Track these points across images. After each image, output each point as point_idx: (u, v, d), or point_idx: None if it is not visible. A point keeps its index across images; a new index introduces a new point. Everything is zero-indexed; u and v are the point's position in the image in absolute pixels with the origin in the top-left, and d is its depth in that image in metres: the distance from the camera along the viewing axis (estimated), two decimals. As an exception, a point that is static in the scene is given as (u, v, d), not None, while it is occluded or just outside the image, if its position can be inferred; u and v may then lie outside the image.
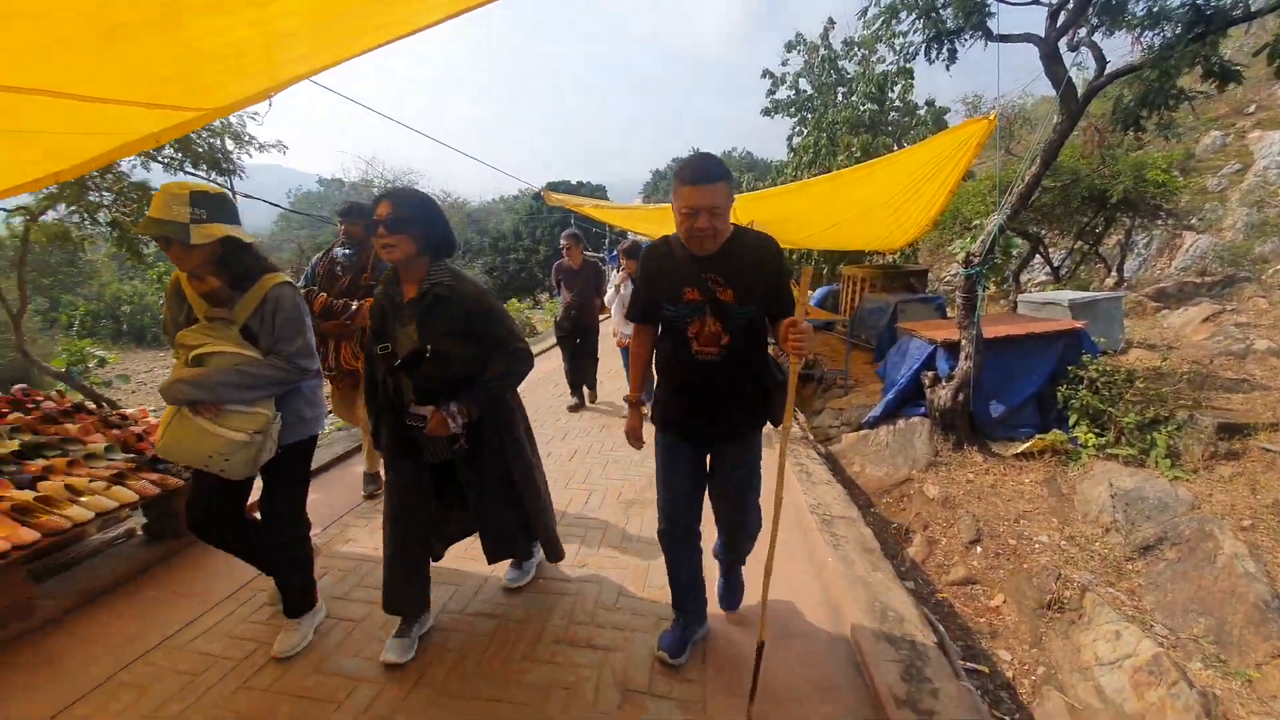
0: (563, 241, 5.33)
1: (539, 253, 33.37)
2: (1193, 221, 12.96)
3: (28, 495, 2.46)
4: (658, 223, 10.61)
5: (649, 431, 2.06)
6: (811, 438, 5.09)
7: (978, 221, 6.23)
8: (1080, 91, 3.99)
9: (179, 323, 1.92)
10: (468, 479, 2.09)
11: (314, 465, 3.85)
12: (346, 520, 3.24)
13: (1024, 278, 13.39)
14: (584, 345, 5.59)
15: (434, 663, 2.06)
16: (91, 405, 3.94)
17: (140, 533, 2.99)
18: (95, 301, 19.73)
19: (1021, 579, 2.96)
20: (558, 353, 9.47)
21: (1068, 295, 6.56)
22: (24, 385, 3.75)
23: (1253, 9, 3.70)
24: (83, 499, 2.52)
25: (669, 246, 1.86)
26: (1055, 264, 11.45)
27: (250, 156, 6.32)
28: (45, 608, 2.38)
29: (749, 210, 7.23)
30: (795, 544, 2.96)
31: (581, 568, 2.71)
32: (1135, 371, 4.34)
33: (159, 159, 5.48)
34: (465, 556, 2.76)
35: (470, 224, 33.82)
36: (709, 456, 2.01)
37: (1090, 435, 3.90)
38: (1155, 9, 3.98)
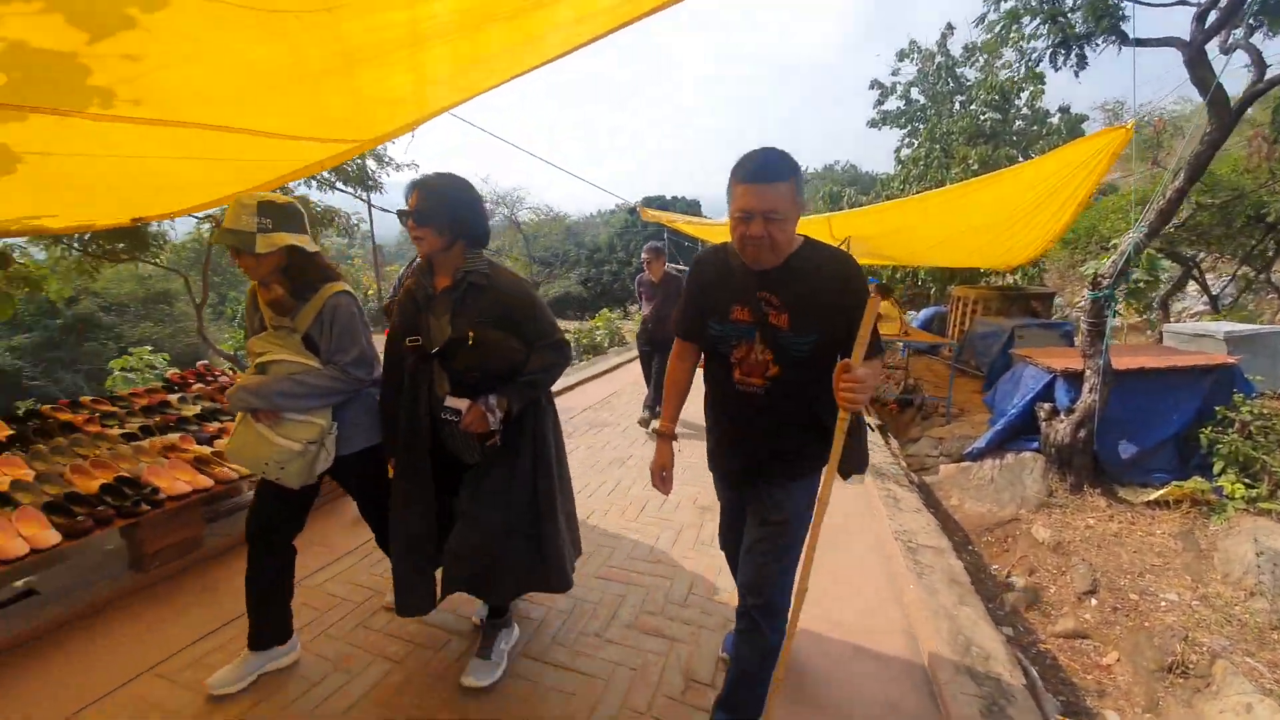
0: (644, 254, 5.18)
1: (630, 265, 34.22)
2: None
3: (206, 450, 3.02)
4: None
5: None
6: (905, 465, 4.84)
7: (1115, 240, 5.60)
8: (1234, 98, 3.53)
9: (253, 330, 1.96)
10: (474, 481, 1.87)
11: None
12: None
13: (1176, 306, 11.74)
14: (661, 361, 5.42)
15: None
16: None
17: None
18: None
19: (1141, 638, 2.64)
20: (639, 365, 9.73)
21: (1224, 327, 5.70)
22: (205, 362, 4.55)
23: None
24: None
25: (725, 255, 1.58)
26: (1214, 292, 9.92)
27: (389, 175, 7.21)
28: (211, 544, 2.89)
29: (846, 226, 7.04)
30: (874, 568, 2.87)
31: (656, 563, 2.82)
32: (1307, 417, 3.71)
33: (316, 178, 6.42)
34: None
35: (569, 237, 35.47)
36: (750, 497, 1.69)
37: (1238, 486, 3.38)
38: None
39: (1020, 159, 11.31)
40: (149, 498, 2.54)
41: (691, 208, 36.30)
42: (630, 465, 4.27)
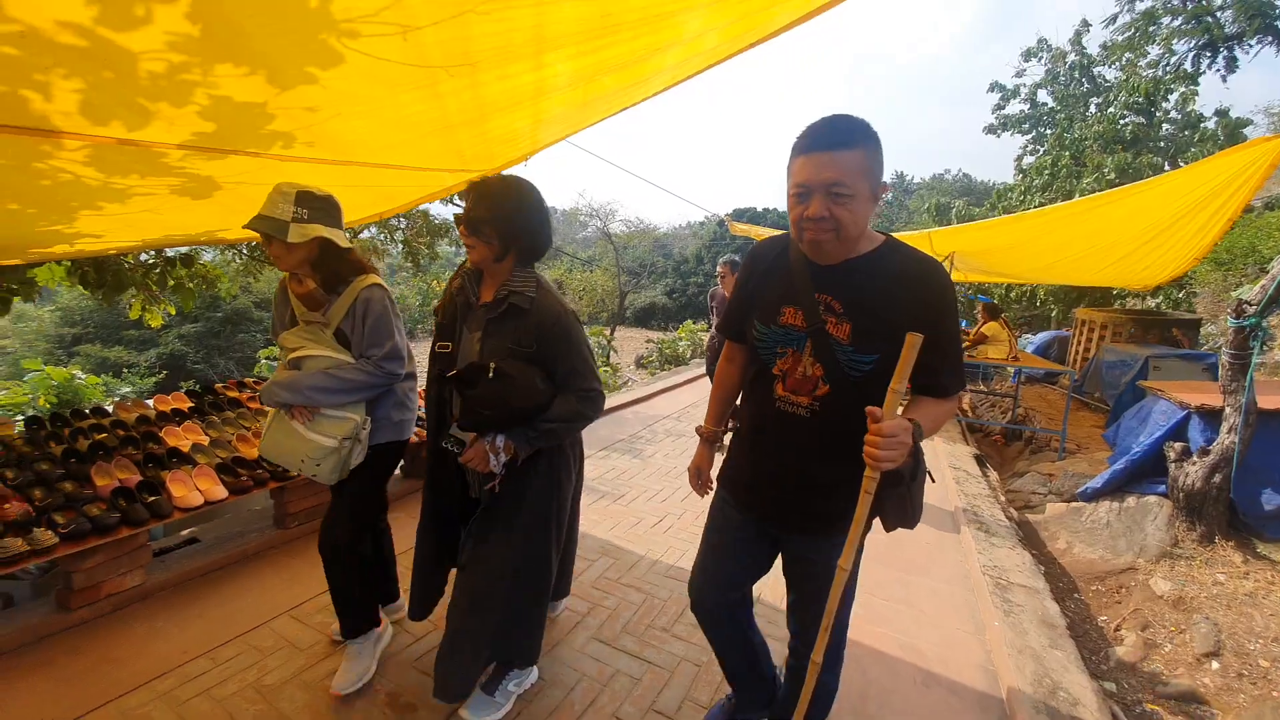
0: (720, 268, 4.91)
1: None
2: None
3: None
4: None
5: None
6: (1004, 500, 4.52)
7: (1274, 263, 4.86)
8: None
9: (284, 324, 1.92)
10: (476, 536, 1.75)
11: None
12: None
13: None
14: None
15: (591, 613, 2.45)
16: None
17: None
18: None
19: (1267, 708, 2.33)
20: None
21: None
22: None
23: None
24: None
25: (784, 244, 1.34)
26: None
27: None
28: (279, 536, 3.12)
29: (947, 243, 6.68)
30: (958, 599, 2.76)
31: (725, 571, 2.90)
32: None
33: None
34: (624, 537, 3.16)
35: (657, 248, 36.05)
36: (781, 548, 1.50)
37: None
38: None
39: (1167, 167, 10.04)
40: (297, 466, 3.03)
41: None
42: (677, 474, 4.37)
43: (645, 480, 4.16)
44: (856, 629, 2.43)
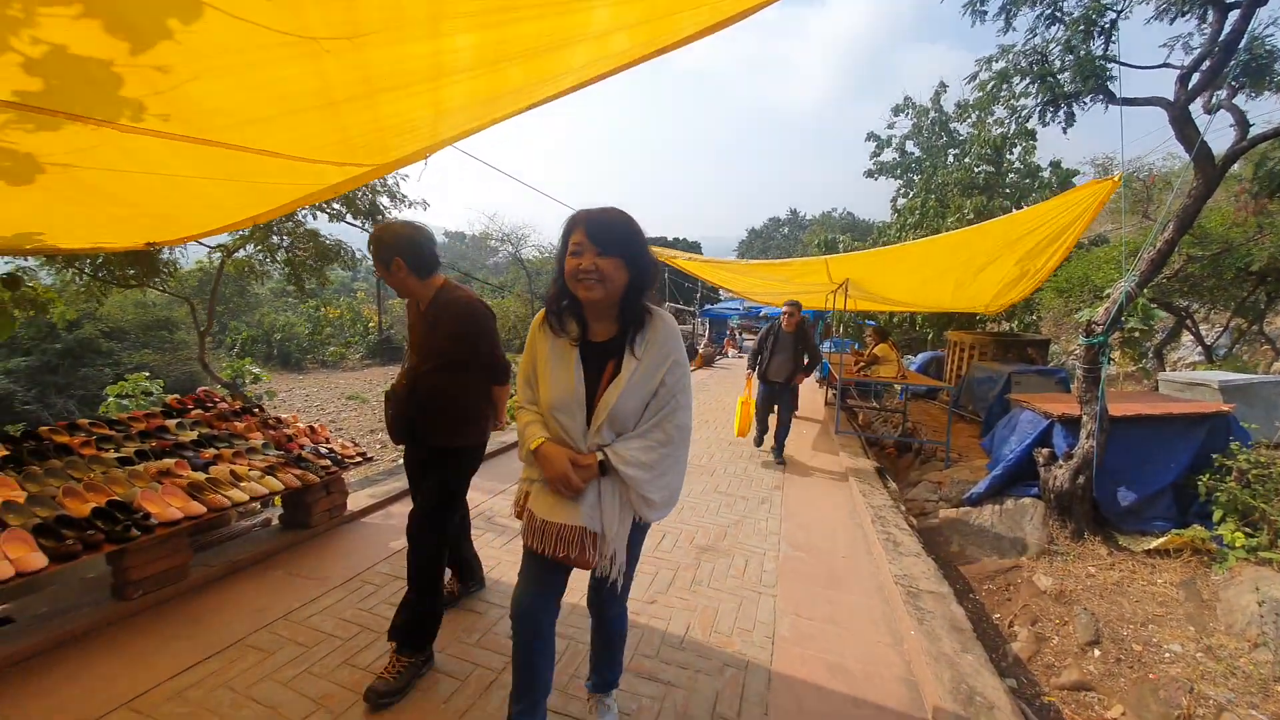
0: (786, 308, 5.53)
1: (633, 303, 34.61)
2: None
3: (201, 476, 3.00)
4: (752, 279, 10.75)
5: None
6: (904, 509, 4.79)
7: (1108, 289, 5.72)
8: (1219, 155, 3.69)
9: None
10: None
11: (377, 500, 4.10)
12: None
13: (1172, 356, 11.87)
14: (785, 407, 5.79)
15: (506, 669, 2.20)
16: (255, 410, 4.68)
17: (276, 522, 3.49)
18: (255, 329, 23.18)
19: (1146, 690, 2.57)
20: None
21: (1219, 376, 5.76)
22: (207, 388, 4.56)
23: None
24: (242, 484, 3.01)
25: None
26: (1208, 342, 10.06)
27: (399, 212, 7.38)
28: (197, 574, 2.83)
29: (846, 268, 7.19)
30: (876, 611, 2.82)
31: (651, 604, 2.76)
32: (1303, 467, 3.70)
33: (326, 210, 6.58)
34: (543, 578, 2.93)
35: (572, 274, 36.06)
36: None
37: (1238, 535, 3.35)
38: None
39: (1014, 210, 11.64)
40: (140, 523, 2.51)
41: (692, 250, 37.03)
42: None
43: (564, 513, 3.94)
44: (787, 654, 2.39)
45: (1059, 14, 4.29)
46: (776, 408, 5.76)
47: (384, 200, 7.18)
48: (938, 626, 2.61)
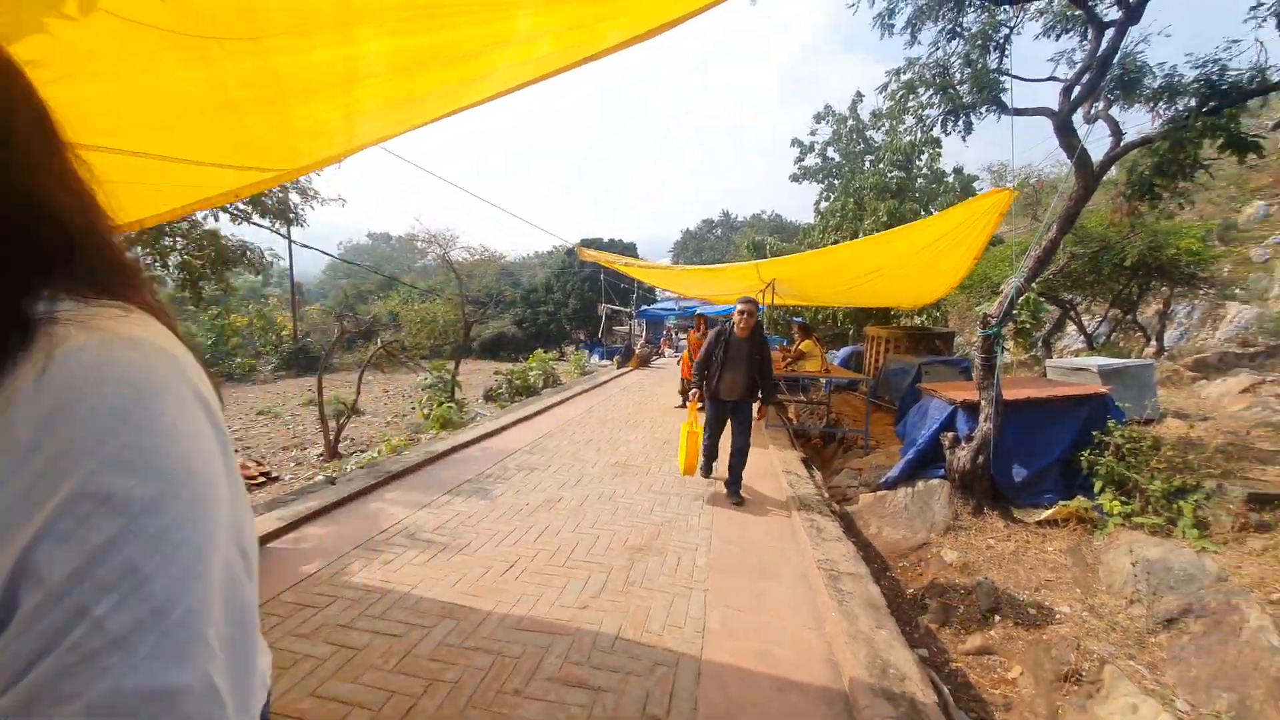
0: (741, 306, 4.30)
1: (567, 306, 34.33)
2: (1236, 292, 12.66)
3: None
4: (686, 282, 10.94)
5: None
6: (827, 496, 5.02)
7: (1002, 285, 6.28)
8: (1096, 161, 4.12)
9: None
10: None
11: (332, 500, 4.01)
12: (356, 553, 3.31)
13: (1058, 344, 13.14)
14: (739, 425, 4.52)
15: (427, 693, 2.10)
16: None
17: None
18: (151, 340, 21.01)
19: (1040, 650, 2.82)
20: (583, 400, 9.67)
21: (1097, 361, 6.43)
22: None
23: (1269, 84, 3.81)
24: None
25: None
26: (1089, 331, 11.23)
27: (313, 209, 6.91)
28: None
29: (773, 270, 7.46)
30: (800, 597, 2.92)
31: (583, 610, 2.72)
32: (1163, 439, 4.20)
33: (229, 209, 6.07)
34: (469, 593, 2.82)
35: (505, 277, 35.24)
36: None
37: (1115, 503, 3.76)
38: (1170, 83, 4.14)
39: (923, 213, 12.53)
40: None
41: (628, 251, 37.18)
42: (560, 508, 4.16)
43: (493, 523, 3.83)
44: (717, 646, 2.43)
45: (959, 29, 4.64)
46: (730, 429, 4.51)
47: (295, 198, 6.70)
48: (856, 606, 2.74)
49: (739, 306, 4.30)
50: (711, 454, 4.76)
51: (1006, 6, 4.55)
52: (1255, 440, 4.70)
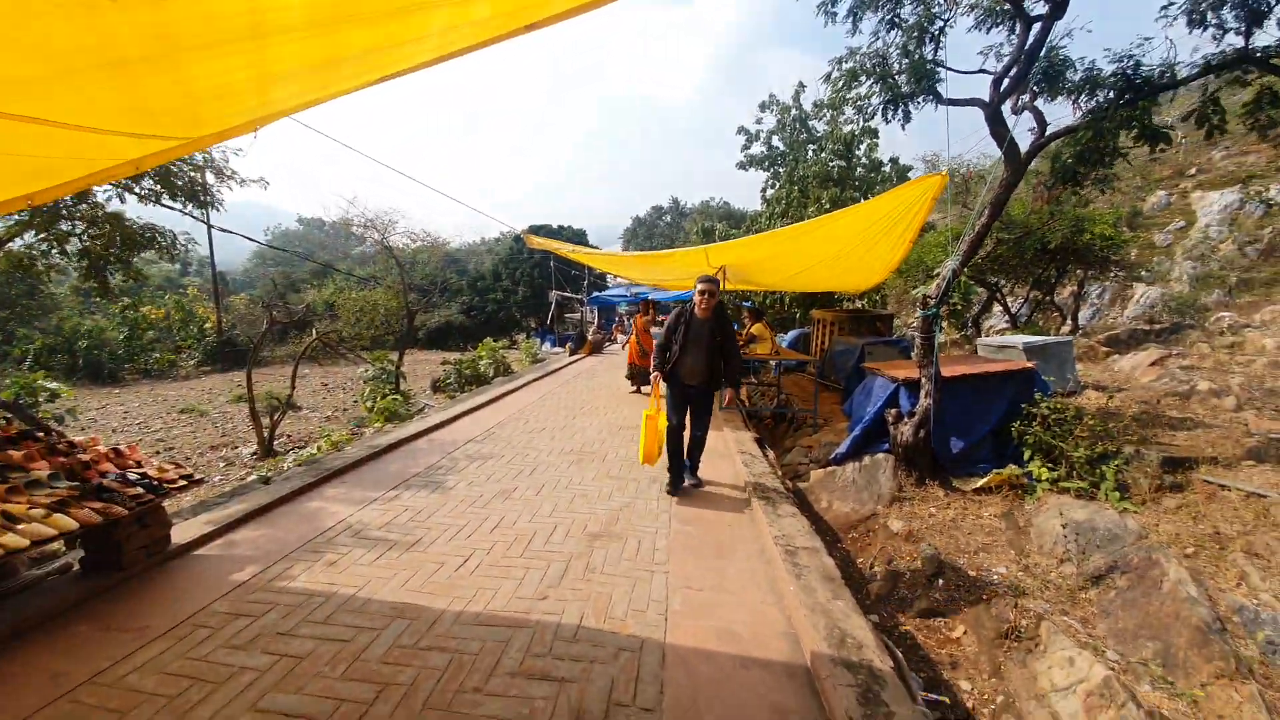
0: (701, 286, 4.11)
1: (517, 294, 33.59)
2: (1142, 274, 13.81)
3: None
4: (634, 268, 10.87)
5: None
6: (780, 474, 5.13)
7: (937, 269, 6.58)
8: (1024, 150, 4.34)
9: None
10: None
11: (267, 500, 3.77)
12: (295, 556, 3.11)
13: (985, 324, 13.96)
14: (699, 422, 4.36)
15: (380, 699, 1.99)
16: (40, 433, 3.79)
17: (76, 566, 2.86)
18: (53, 336, 19.09)
19: (981, 610, 2.99)
20: (536, 388, 9.48)
21: (1022, 339, 6.87)
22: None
23: (1177, 79, 4.10)
24: (19, 526, 2.41)
25: None
26: (1013, 311, 11.98)
27: (231, 190, 6.37)
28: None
29: (722, 256, 7.50)
30: (759, 573, 2.97)
31: (542, 600, 2.66)
32: (1084, 409, 4.53)
33: (136, 190, 5.50)
34: (421, 591, 2.70)
35: (450, 264, 34.03)
36: None
37: (1043, 470, 4.03)
38: (1090, 77, 4.39)
39: (862, 200, 12.97)
40: None
41: (578, 238, 36.68)
42: (516, 498, 4.06)
43: (447, 516, 3.68)
44: (680, 628, 2.42)
45: (897, 19, 4.75)
46: (690, 417, 4.28)
47: (209, 178, 6.14)
48: (812, 579, 2.80)
49: (699, 286, 4.11)
50: (675, 451, 4.23)
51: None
52: (1165, 409, 5.15)
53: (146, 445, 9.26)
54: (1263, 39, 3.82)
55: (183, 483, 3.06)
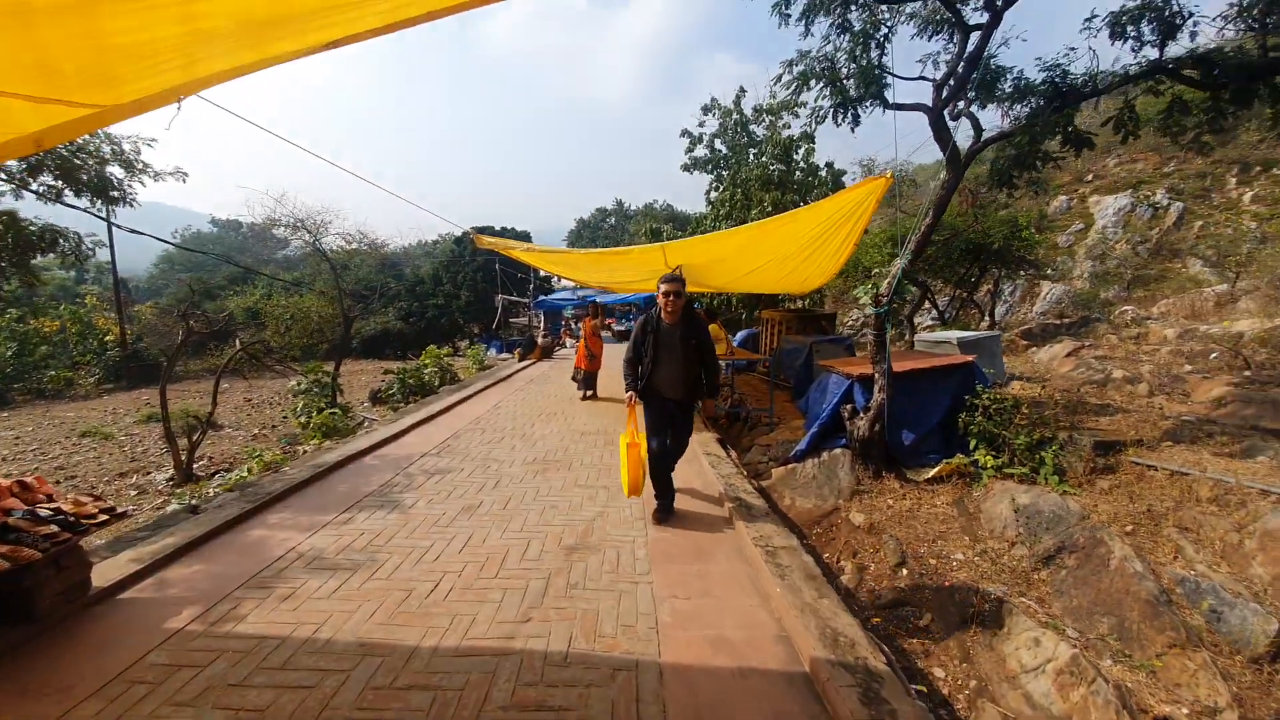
0: (664, 286, 3.72)
1: (459, 298, 32.52)
2: (1048, 272, 15.08)
3: None
4: (587, 269, 10.72)
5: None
6: (745, 473, 5.20)
7: (877, 270, 6.91)
8: (964, 154, 4.61)
9: None
10: None
11: (201, 531, 3.42)
12: (240, 594, 2.82)
13: (916, 321, 14.83)
14: (678, 437, 3.97)
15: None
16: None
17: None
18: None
19: (945, 597, 3.13)
20: (488, 396, 9.17)
21: (956, 334, 7.32)
22: None
23: (1100, 88, 4.47)
24: (-102, 585, 2.05)
25: None
26: (941, 309, 12.77)
27: (144, 185, 5.76)
28: None
29: (677, 256, 7.53)
30: (742, 576, 2.97)
31: (526, 623, 2.54)
32: (1020, 399, 4.86)
33: (33, 188, 4.86)
34: (391, 623, 2.51)
35: (387, 268, 32.47)
36: None
37: (988, 458, 4.29)
38: (1021, 85, 4.72)
39: (801, 204, 13.45)
40: None
41: (522, 238, 35.97)
42: (483, 513, 3.88)
43: (409, 538, 3.47)
44: (673, 640, 2.38)
45: (847, 24, 4.94)
46: (670, 433, 3.88)
47: (116, 171, 5.52)
48: (796, 579, 2.84)
49: (663, 287, 3.69)
50: (662, 481, 3.86)
51: (884, 6, 4.92)
52: (1086, 396, 5.61)
53: (45, 475, 8.23)
54: (1175, 50, 4.24)
55: (104, 517, 2.71)
